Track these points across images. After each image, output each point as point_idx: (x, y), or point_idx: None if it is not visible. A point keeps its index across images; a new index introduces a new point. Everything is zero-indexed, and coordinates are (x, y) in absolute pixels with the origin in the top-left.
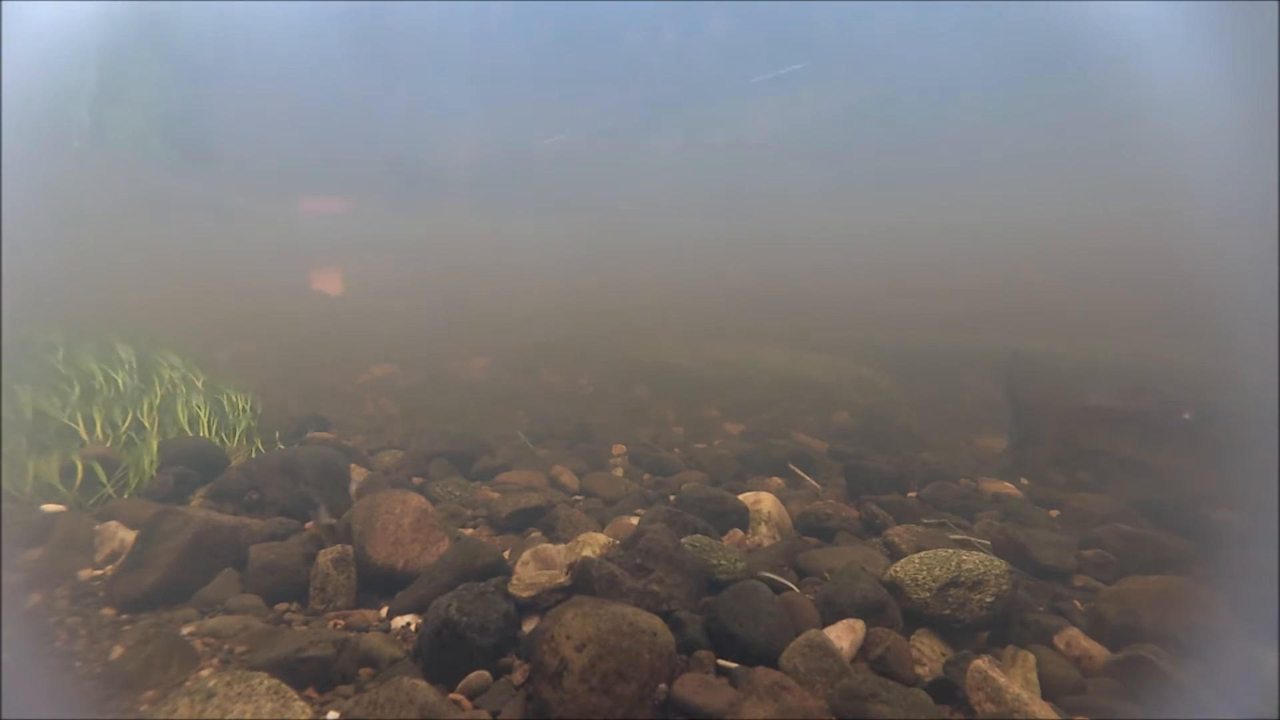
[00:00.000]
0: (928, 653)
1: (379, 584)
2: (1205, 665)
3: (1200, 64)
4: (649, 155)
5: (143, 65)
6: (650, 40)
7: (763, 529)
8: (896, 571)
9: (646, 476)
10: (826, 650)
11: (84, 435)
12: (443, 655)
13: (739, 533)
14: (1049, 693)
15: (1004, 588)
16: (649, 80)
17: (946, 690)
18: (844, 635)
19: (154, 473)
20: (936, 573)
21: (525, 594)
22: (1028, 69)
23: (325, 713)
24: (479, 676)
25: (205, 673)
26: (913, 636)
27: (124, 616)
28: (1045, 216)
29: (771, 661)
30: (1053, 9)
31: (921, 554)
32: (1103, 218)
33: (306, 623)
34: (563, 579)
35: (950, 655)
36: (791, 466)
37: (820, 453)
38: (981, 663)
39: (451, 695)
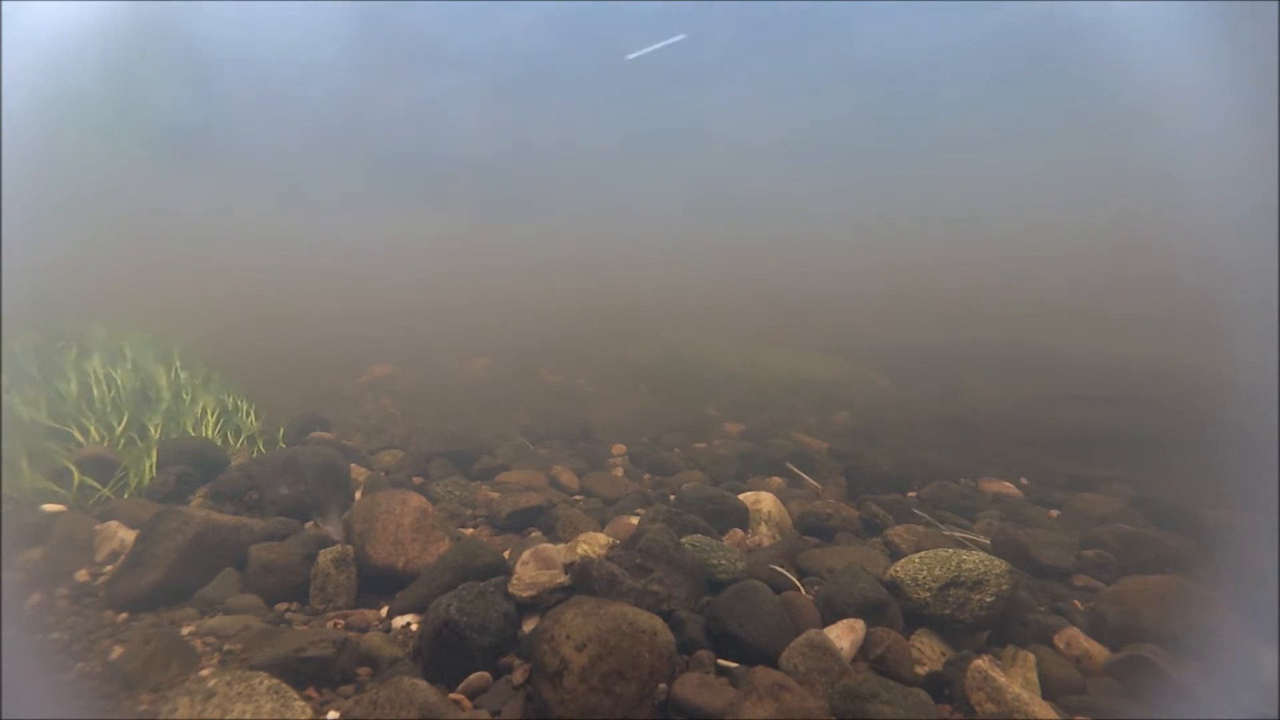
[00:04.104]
0: (928, 652)
1: (379, 584)
2: (1205, 665)
3: (1200, 64)
4: (650, 155)
5: (145, 65)
6: (651, 40)
7: (763, 529)
8: (896, 571)
9: (646, 476)
10: (826, 650)
11: (80, 438)
12: (443, 655)
13: (739, 532)
14: (1049, 692)
15: (1004, 587)
16: (651, 80)
17: (944, 687)
18: (844, 635)
19: (154, 473)
20: (937, 572)
21: (525, 594)
22: (1028, 70)
23: (325, 713)
24: (479, 676)
25: (205, 672)
26: (913, 636)
27: (124, 616)
28: (1045, 217)
29: (771, 661)
30: (1053, 9)
31: (921, 554)
32: (1102, 216)
33: (307, 622)
34: (563, 579)
35: (950, 655)
36: (790, 466)
37: (820, 453)
38: (981, 662)
39: (451, 695)
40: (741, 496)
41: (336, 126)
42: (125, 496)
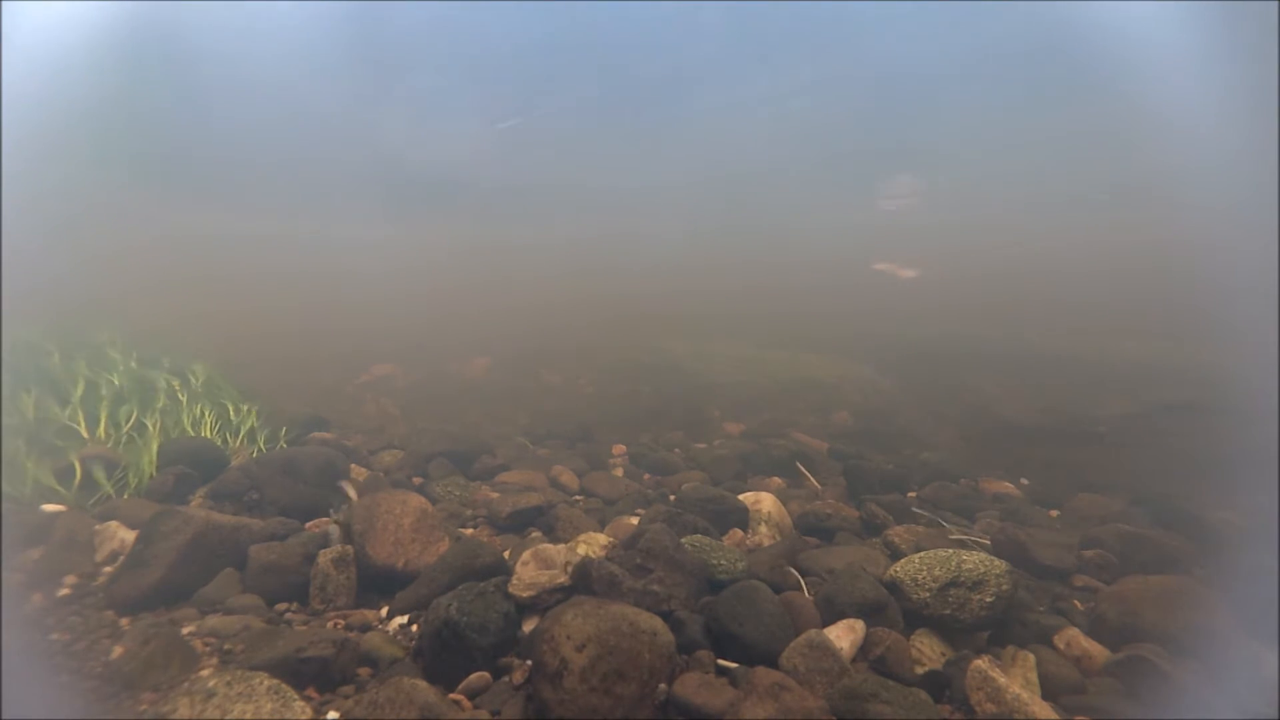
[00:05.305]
0: (928, 653)
1: (379, 584)
2: (1205, 665)
3: (1200, 64)
4: (642, 151)
5: (143, 69)
6: (637, 39)
7: (763, 529)
8: (896, 571)
9: (646, 476)
10: (826, 650)
11: (85, 434)
12: (443, 655)
13: (739, 532)
14: (1049, 693)
15: (1004, 588)
16: (641, 78)
17: (942, 685)
18: (844, 635)
19: (154, 473)
20: (937, 573)
21: (525, 594)
22: (1026, 68)
23: (325, 713)
24: (479, 676)
25: (205, 673)
26: (913, 636)
27: (124, 616)
28: (1044, 217)
29: (771, 661)
30: (1053, 9)
31: (922, 554)
32: (1101, 216)
33: (306, 623)
34: (563, 579)
35: (950, 655)
36: (799, 466)
37: (820, 453)
38: (981, 663)
39: (451, 695)
40: (741, 497)
41: (342, 135)
42: (125, 497)
